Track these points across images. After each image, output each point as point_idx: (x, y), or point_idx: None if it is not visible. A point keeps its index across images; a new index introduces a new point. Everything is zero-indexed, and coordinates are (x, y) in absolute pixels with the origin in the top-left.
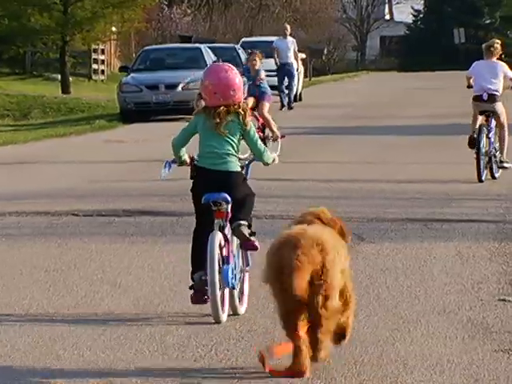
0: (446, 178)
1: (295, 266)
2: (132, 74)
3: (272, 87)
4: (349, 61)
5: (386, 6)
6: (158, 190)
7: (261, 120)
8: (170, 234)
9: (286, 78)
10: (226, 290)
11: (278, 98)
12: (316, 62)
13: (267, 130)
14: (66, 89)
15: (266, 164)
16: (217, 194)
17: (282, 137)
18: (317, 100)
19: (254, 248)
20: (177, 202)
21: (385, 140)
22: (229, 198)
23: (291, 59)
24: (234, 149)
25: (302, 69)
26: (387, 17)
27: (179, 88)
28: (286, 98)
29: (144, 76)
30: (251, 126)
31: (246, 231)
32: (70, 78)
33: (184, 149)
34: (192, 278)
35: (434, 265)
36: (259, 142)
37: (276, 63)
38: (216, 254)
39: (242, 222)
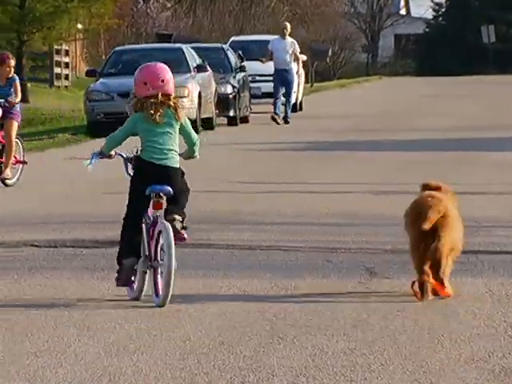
0: (473, 201)
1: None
2: (101, 80)
3: (266, 94)
4: (358, 64)
5: None
6: None
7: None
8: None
9: (284, 87)
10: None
11: (272, 107)
12: (319, 65)
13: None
14: (23, 97)
15: (193, 157)
16: (160, 186)
17: (24, 163)
18: (319, 109)
19: (182, 240)
20: None
21: (399, 157)
22: (171, 191)
23: (290, 64)
24: (175, 143)
25: (302, 73)
26: (403, 12)
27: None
28: (281, 108)
29: (115, 82)
30: (184, 117)
31: (179, 225)
32: (29, 85)
33: None
34: (120, 262)
35: (460, 304)
36: (193, 132)
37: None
38: (173, 244)
39: (177, 217)
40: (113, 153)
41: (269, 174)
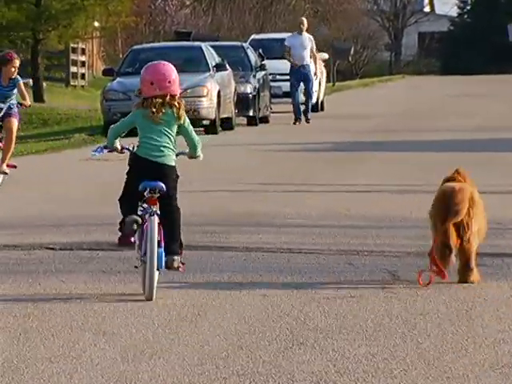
0: (497, 203)
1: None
2: (118, 79)
3: (287, 93)
4: (381, 62)
5: None
6: None
7: None
8: (163, 271)
9: (302, 84)
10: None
11: (292, 108)
12: (341, 64)
13: None
14: (38, 96)
15: (196, 157)
16: (154, 182)
17: (14, 166)
18: (341, 109)
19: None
20: None
21: (423, 158)
22: (164, 188)
23: (308, 60)
24: (171, 142)
25: (324, 72)
26: (427, 9)
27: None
28: (302, 108)
29: (133, 81)
30: (185, 118)
31: (176, 264)
32: (44, 84)
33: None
34: (122, 222)
35: (485, 308)
36: (194, 133)
37: (292, 63)
38: (156, 237)
39: (175, 258)
40: (118, 146)
41: (288, 175)
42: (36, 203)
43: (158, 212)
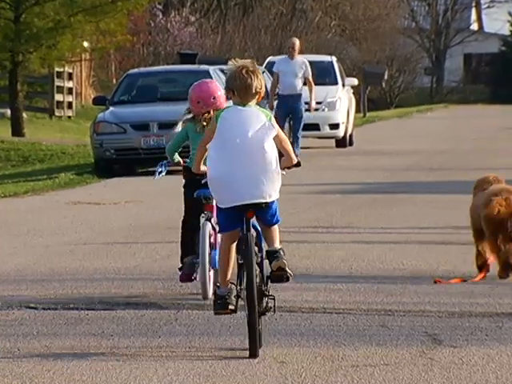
0: None
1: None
2: (112, 109)
3: (309, 125)
4: (420, 89)
5: (473, 11)
6: (148, 272)
7: None
8: (165, 335)
9: (291, 119)
10: (212, 272)
11: None
12: (373, 91)
13: None
14: (18, 129)
15: None
16: (207, 189)
17: None
18: (373, 144)
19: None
20: (173, 290)
21: (469, 201)
22: None
23: (299, 90)
24: None
25: (353, 100)
26: (474, 27)
27: (178, 128)
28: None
29: (129, 111)
30: None
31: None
32: (24, 114)
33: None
34: (182, 261)
35: None
36: None
37: (268, 93)
38: (207, 241)
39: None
40: (181, 160)
41: (311, 220)
42: (14, 254)
43: (213, 217)
